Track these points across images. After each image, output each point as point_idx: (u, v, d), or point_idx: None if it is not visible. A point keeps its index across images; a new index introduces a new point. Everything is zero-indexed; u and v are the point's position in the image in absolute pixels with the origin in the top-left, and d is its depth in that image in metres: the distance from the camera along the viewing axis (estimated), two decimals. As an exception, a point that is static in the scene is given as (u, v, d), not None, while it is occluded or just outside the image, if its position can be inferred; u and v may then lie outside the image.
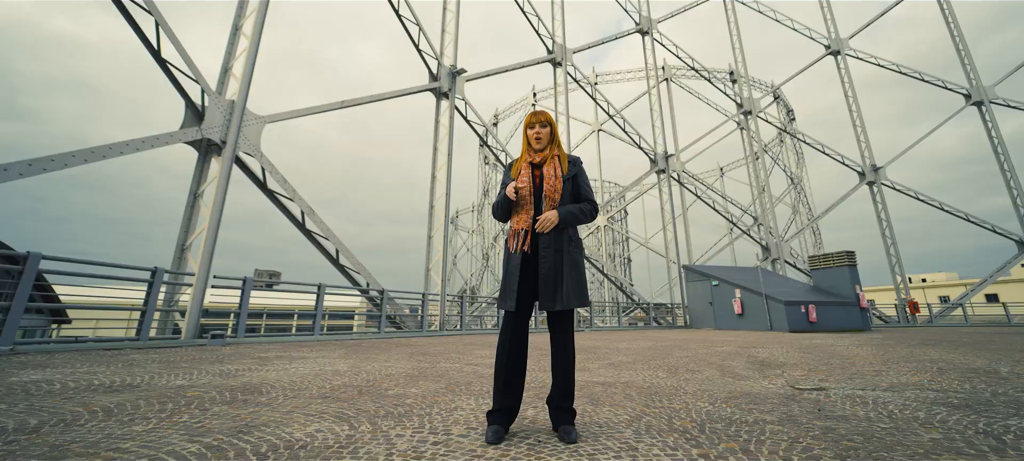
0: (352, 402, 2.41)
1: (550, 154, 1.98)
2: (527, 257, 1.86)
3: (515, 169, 2.00)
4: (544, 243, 1.84)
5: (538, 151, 1.99)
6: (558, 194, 1.90)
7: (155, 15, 6.57)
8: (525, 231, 1.87)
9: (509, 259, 1.90)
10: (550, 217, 1.83)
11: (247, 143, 7.78)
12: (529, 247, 1.85)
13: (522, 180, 1.91)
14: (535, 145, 1.98)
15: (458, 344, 7.10)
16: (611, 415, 2.18)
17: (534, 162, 1.98)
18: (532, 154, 1.99)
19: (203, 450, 1.50)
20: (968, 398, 2.70)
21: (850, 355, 5.44)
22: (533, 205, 1.90)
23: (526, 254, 1.86)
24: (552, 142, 2.00)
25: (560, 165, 1.96)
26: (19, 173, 4.97)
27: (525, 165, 1.97)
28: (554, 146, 2.00)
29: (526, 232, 1.87)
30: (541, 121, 2.01)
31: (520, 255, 1.85)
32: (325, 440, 1.65)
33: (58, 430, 1.72)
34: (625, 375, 3.70)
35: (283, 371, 3.60)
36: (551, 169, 1.94)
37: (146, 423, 1.86)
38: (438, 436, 1.75)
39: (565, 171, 1.96)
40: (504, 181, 2.02)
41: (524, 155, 2.01)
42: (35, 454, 1.44)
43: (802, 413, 2.27)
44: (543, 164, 1.96)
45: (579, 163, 2.02)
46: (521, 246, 1.86)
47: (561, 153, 2.01)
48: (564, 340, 1.84)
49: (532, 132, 2.00)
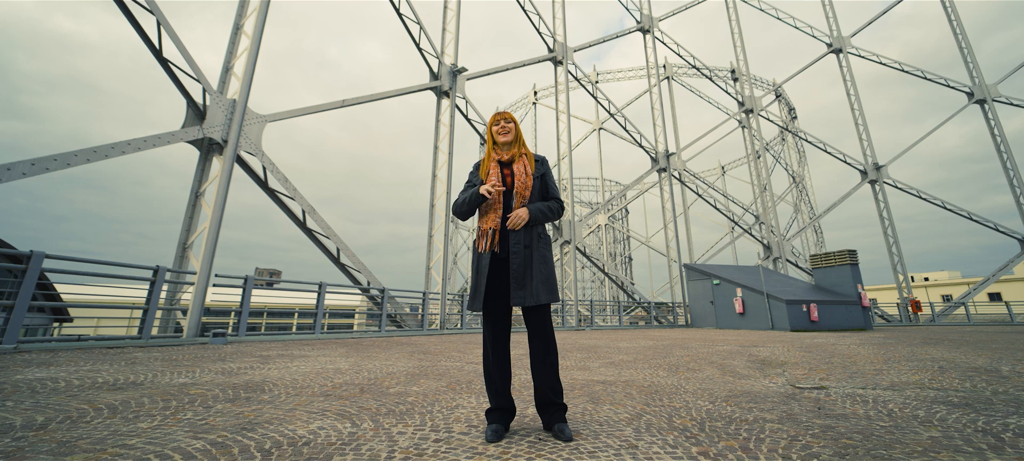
0: (354, 400, 2.42)
1: (518, 152, 1.99)
2: (496, 256, 1.84)
3: (483, 169, 1.98)
4: (514, 240, 1.83)
5: (505, 148, 1.99)
6: (529, 191, 1.90)
7: (156, 14, 6.58)
8: (494, 230, 1.85)
9: (478, 258, 1.88)
10: (521, 214, 1.83)
11: (248, 142, 7.80)
12: (499, 246, 1.85)
13: (493, 178, 1.89)
14: (501, 139, 1.98)
15: (459, 342, 7.11)
16: (611, 413, 2.19)
17: (502, 160, 1.97)
18: (499, 152, 1.99)
19: (208, 446, 1.52)
20: (968, 397, 2.71)
21: (851, 354, 5.44)
22: (502, 204, 1.88)
23: (496, 253, 1.84)
24: (518, 140, 2.01)
25: (528, 163, 1.96)
26: (22, 173, 4.99)
27: (494, 164, 1.96)
28: (520, 145, 2.01)
29: (494, 231, 1.85)
30: (507, 118, 2.01)
31: (490, 254, 1.83)
32: (327, 437, 1.67)
33: (65, 427, 1.74)
34: (626, 374, 3.71)
35: (285, 369, 3.62)
36: (521, 167, 1.94)
37: (151, 420, 1.88)
38: (439, 434, 1.76)
39: (534, 169, 1.96)
40: (471, 180, 2.02)
41: (490, 154, 2.00)
42: (43, 450, 1.45)
43: (802, 412, 2.28)
44: (512, 162, 1.96)
45: (546, 163, 2.03)
46: (491, 245, 1.85)
47: (527, 151, 2.01)
48: (543, 336, 1.81)
49: (497, 128, 2.00)
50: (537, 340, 1.81)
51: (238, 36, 8.41)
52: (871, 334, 10.60)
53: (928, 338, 8.49)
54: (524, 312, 1.84)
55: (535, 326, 1.82)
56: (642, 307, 18.35)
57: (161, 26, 6.65)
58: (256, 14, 8.46)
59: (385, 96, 11.73)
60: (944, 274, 50.61)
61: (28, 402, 2.17)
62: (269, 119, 8.29)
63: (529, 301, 1.76)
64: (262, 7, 8.51)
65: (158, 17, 6.60)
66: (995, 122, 21.47)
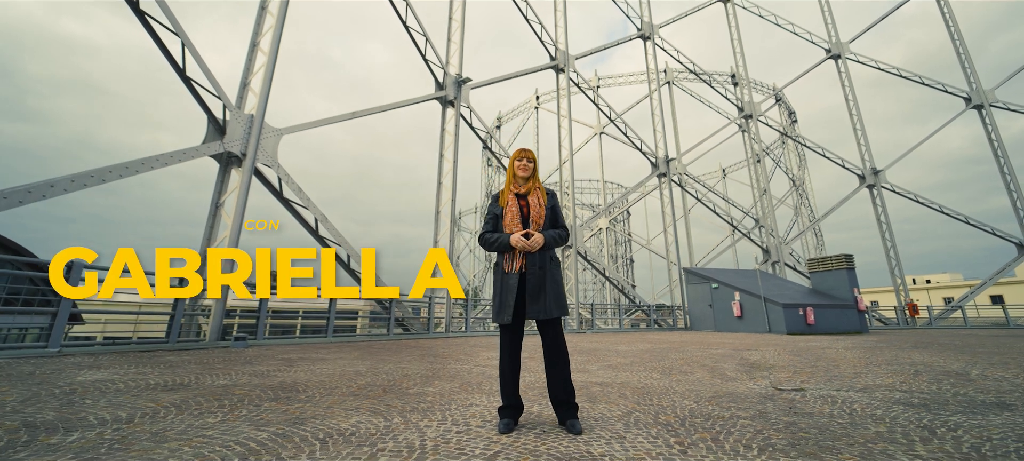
0: (380, 399, 2.76)
1: (533, 186, 2.34)
2: (515, 275, 2.17)
3: (502, 199, 2.33)
4: (530, 262, 2.17)
5: (523, 182, 2.34)
6: (542, 220, 2.25)
7: (181, 37, 6.97)
8: (515, 250, 2.19)
9: (505, 277, 2.20)
10: (538, 239, 2.17)
11: (265, 155, 8.18)
12: (519, 267, 2.17)
13: (519, 239, 2.17)
14: (521, 174, 2.33)
15: (464, 346, 7.44)
16: (606, 411, 2.51)
17: (519, 193, 2.33)
18: (517, 185, 2.35)
19: (274, 436, 1.86)
20: (929, 398, 3.02)
21: (837, 358, 5.74)
22: (521, 230, 2.22)
23: (520, 273, 2.18)
24: (534, 176, 2.36)
25: (541, 196, 2.31)
26: (64, 189, 5.37)
27: (512, 197, 2.31)
28: (535, 179, 2.36)
29: (514, 253, 2.19)
30: (528, 157, 2.36)
31: (517, 275, 2.16)
32: (367, 429, 2.00)
33: (147, 421, 2.08)
34: (622, 376, 4.03)
35: (310, 372, 3.95)
36: (535, 199, 2.29)
37: (214, 416, 2.22)
38: (459, 427, 2.09)
39: (546, 201, 2.30)
40: (492, 211, 2.34)
41: (509, 186, 2.36)
42: (143, 438, 1.79)
43: (775, 411, 2.60)
44: (527, 194, 2.31)
45: (555, 195, 2.38)
46: (515, 267, 2.18)
47: (540, 186, 2.36)
48: (555, 343, 2.15)
49: (519, 165, 2.35)
50: (550, 348, 2.15)
51: (254, 53, 8.80)
52: (865, 337, 10.87)
53: (919, 342, 8.76)
54: (538, 324, 2.18)
55: (548, 336, 2.16)
56: (642, 310, 18.64)
57: (185, 47, 7.04)
58: (271, 33, 8.85)
59: (394, 106, 12.11)
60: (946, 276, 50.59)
61: (103, 401, 2.51)
62: (284, 132, 8.67)
63: (543, 314, 2.10)
64: (277, 26, 8.90)
65: (183, 39, 6.98)
66: (992, 127, 21.69)
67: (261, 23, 9.14)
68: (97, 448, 1.67)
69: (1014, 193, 20.13)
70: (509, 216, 2.24)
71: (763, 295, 14.10)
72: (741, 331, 14.31)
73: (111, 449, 1.67)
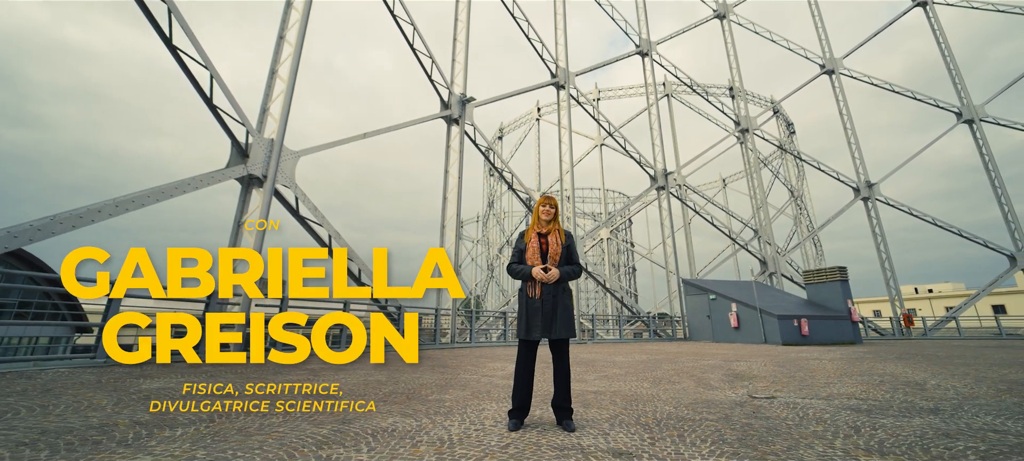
0: (407, 404, 3.26)
1: (553, 228, 2.86)
2: (535, 301, 2.70)
3: (527, 236, 2.88)
4: (547, 291, 2.70)
5: (545, 223, 2.87)
6: (559, 257, 2.78)
7: (210, 70, 7.58)
8: (536, 282, 2.73)
9: (529, 301, 2.73)
10: (554, 273, 2.70)
11: (283, 176, 8.76)
12: (539, 294, 2.71)
13: (534, 247, 2.76)
14: (544, 218, 2.87)
15: (470, 357, 7.92)
16: (596, 414, 3.01)
17: (541, 232, 2.86)
18: (540, 225, 2.88)
19: (332, 433, 2.36)
20: (876, 405, 3.50)
21: (817, 369, 6.20)
22: (542, 264, 2.76)
23: (537, 299, 2.70)
24: (555, 220, 2.88)
25: (560, 236, 2.83)
26: (109, 214, 5.94)
27: (534, 235, 2.86)
28: (556, 221, 2.89)
29: (534, 282, 2.73)
30: (551, 203, 2.90)
31: (539, 301, 2.70)
32: (404, 427, 2.51)
33: (227, 420, 2.58)
34: (615, 385, 4.52)
35: (338, 381, 4.45)
36: (554, 238, 2.82)
37: (277, 417, 2.73)
38: (476, 426, 2.59)
39: (563, 241, 2.83)
40: (518, 245, 2.89)
41: (534, 226, 2.91)
42: (233, 434, 2.30)
43: (739, 415, 3.09)
44: (548, 234, 2.84)
45: (571, 236, 2.91)
46: (537, 293, 2.71)
47: (560, 227, 2.89)
48: (563, 359, 2.68)
49: (543, 209, 2.88)
50: (558, 362, 2.68)
51: (273, 80, 9.42)
52: (856, 349, 11.29)
53: (904, 354, 9.19)
54: (550, 342, 2.70)
55: (558, 352, 2.69)
56: (642, 321, 19.05)
57: (213, 78, 7.65)
58: (289, 61, 9.48)
59: (402, 126, 12.72)
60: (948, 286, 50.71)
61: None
62: (301, 154, 9.26)
63: (555, 335, 2.63)
64: (295, 55, 9.54)
65: (211, 71, 7.60)
66: (983, 141, 22.21)
67: (279, 52, 9.78)
68: (203, 439, 2.18)
69: (1005, 206, 20.58)
70: (531, 251, 2.78)
71: (759, 306, 14.53)
72: (738, 341, 14.71)
73: (214, 440, 2.17)
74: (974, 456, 2.07)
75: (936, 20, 26.05)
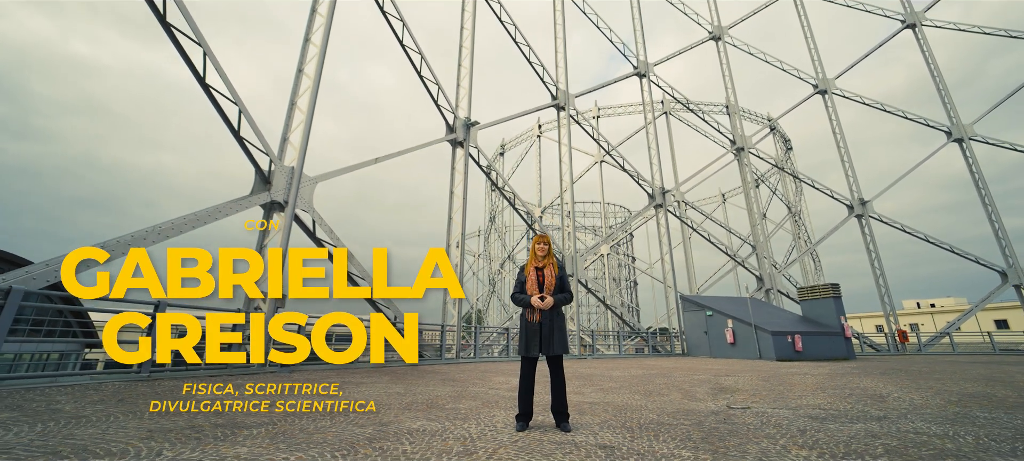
0: (428, 411, 3.82)
1: (548, 262, 3.46)
2: (534, 324, 3.28)
3: (526, 270, 3.47)
4: (544, 315, 3.28)
5: (541, 259, 3.47)
6: (553, 287, 3.37)
7: (239, 105, 8.31)
8: (535, 309, 3.31)
9: (529, 324, 3.31)
10: (549, 300, 3.28)
11: (302, 201, 9.42)
12: (537, 318, 3.29)
13: (533, 282, 3.35)
14: (540, 254, 3.47)
15: (476, 371, 8.44)
16: (589, 420, 3.56)
17: (538, 266, 3.45)
18: (537, 260, 3.48)
19: (375, 433, 2.93)
20: (833, 414, 4.03)
21: (798, 383, 6.71)
22: (539, 293, 3.35)
23: (536, 323, 3.28)
24: (549, 255, 3.49)
25: (554, 269, 3.43)
26: (153, 240, 6.57)
27: (533, 269, 3.45)
28: (549, 257, 3.49)
29: (533, 309, 3.31)
30: (545, 242, 3.50)
31: (537, 323, 3.28)
32: (432, 429, 3.07)
33: (288, 421, 3.15)
34: (609, 397, 5.06)
35: (363, 393, 5.01)
36: (549, 271, 3.42)
37: (326, 420, 3.29)
38: (490, 427, 3.15)
39: (556, 272, 3.43)
40: (519, 277, 3.47)
41: (532, 261, 3.50)
42: (299, 434, 2.87)
43: (711, 421, 3.63)
44: (544, 268, 3.44)
45: (564, 267, 3.51)
46: (536, 318, 3.29)
47: (553, 261, 3.49)
48: (558, 371, 3.25)
49: (539, 248, 3.48)
50: (554, 375, 3.25)
51: (292, 111, 10.16)
52: (846, 364, 11.73)
53: (889, 369, 9.66)
54: (548, 358, 3.27)
55: (554, 366, 3.27)
56: (641, 336, 19.49)
57: (242, 114, 8.37)
58: (308, 93, 10.23)
59: (411, 150, 13.45)
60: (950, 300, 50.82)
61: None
62: (318, 180, 9.94)
63: (551, 352, 3.20)
64: (313, 87, 10.29)
65: (240, 107, 8.32)
66: (973, 160, 22.86)
67: (298, 84, 10.55)
68: (277, 438, 2.75)
69: (995, 223, 21.11)
70: (530, 282, 3.37)
71: (753, 323, 15.00)
72: (734, 357, 15.14)
73: (285, 438, 2.74)
74: (883, 450, 2.62)
75: (925, 42, 26.98)
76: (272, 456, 2.33)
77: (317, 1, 11.52)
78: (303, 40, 11.03)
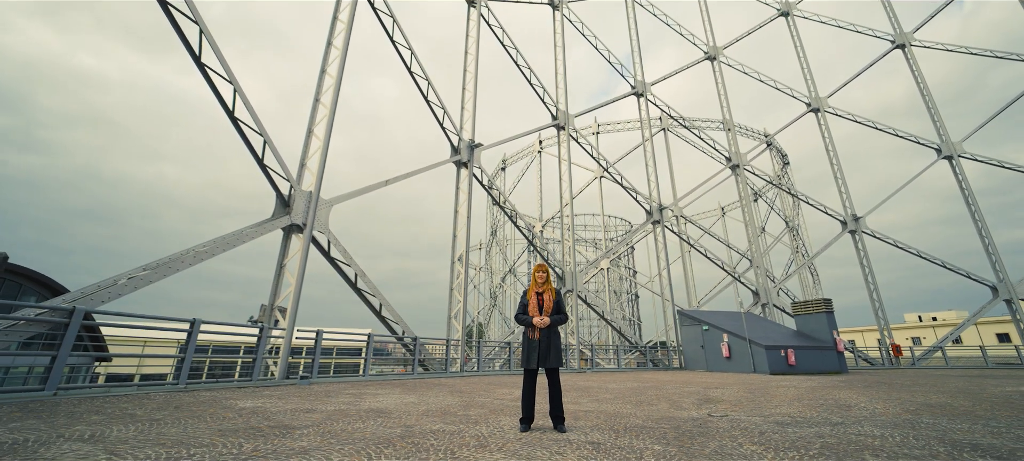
0: (443, 417, 4.40)
1: (546, 287, 4.09)
2: (534, 341, 3.89)
3: (528, 294, 4.10)
4: (543, 333, 3.90)
5: (540, 284, 4.10)
6: (551, 309, 3.99)
7: (264, 136, 9.04)
8: (535, 328, 3.93)
9: (529, 341, 3.93)
10: (546, 320, 3.90)
11: (319, 223, 10.09)
12: (537, 336, 3.91)
13: (534, 306, 3.97)
14: (539, 280, 4.10)
15: (481, 384, 8.98)
16: (583, 424, 4.14)
17: (538, 291, 4.08)
18: (537, 286, 4.11)
19: (403, 433, 3.52)
20: (798, 420, 4.59)
21: (780, 395, 7.24)
22: (539, 314, 3.97)
23: (538, 340, 3.90)
24: (548, 282, 4.12)
25: (551, 293, 4.06)
26: (189, 264, 7.22)
27: (533, 293, 4.07)
28: (548, 283, 4.11)
29: (534, 328, 3.93)
30: (543, 269, 4.13)
31: (536, 340, 3.89)
32: (450, 430, 3.66)
33: (330, 422, 3.74)
34: (603, 407, 5.62)
35: (383, 401, 5.58)
36: (548, 295, 4.05)
37: (363, 423, 3.88)
38: (498, 430, 3.74)
39: (553, 297, 4.05)
40: (522, 301, 4.10)
41: (532, 287, 4.13)
42: (331, 437, 3.46)
43: (689, 426, 4.20)
44: (543, 292, 4.07)
45: (560, 292, 4.13)
46: (536, 335, 3.91)
47: (551, 287, 4.11)
48: (555, 381, 3.85)
49: (539, 275, 4.12)
50: (552, 385, 3.85)
51: (309, 139, 10.90)
52: (835, 377, 12.20)
53: (872, 382, 10.15)
54: (545, 370, 3.87)
55: (551, 377, 3.87)
56: (639, 350, 19.93)
57: (267, 144, 9.09)
58: (325, 122, 10.99)
59: (418, 172, 14.16)
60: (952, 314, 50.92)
61: (281, 417, 4.18)
62: (333, 202, 10.62)
63: (548, 364, 3.81)
64: (329, 116, 11.05)
65: (265, 138, 9.05)
66: (962, 177, 23.49)
67: (315, 113, 11.31)
68: (325, 436, 3.35)
69: (985, 238, 21.64)
70: (532, 305, 4.00)
71: (748, 337, 15.49)
72: (730, 371, 15.59)
73: (325, 436, 3.34)
74: (819, 447, 3.20)
75: (914, 61, 27.87)
76: (327, 449, 2.93)
77: (333, 34, 12.38)
78: (320, 72, 11.83)
